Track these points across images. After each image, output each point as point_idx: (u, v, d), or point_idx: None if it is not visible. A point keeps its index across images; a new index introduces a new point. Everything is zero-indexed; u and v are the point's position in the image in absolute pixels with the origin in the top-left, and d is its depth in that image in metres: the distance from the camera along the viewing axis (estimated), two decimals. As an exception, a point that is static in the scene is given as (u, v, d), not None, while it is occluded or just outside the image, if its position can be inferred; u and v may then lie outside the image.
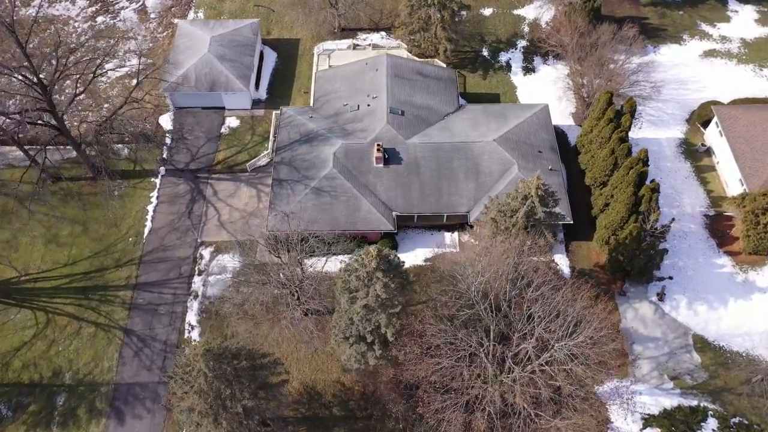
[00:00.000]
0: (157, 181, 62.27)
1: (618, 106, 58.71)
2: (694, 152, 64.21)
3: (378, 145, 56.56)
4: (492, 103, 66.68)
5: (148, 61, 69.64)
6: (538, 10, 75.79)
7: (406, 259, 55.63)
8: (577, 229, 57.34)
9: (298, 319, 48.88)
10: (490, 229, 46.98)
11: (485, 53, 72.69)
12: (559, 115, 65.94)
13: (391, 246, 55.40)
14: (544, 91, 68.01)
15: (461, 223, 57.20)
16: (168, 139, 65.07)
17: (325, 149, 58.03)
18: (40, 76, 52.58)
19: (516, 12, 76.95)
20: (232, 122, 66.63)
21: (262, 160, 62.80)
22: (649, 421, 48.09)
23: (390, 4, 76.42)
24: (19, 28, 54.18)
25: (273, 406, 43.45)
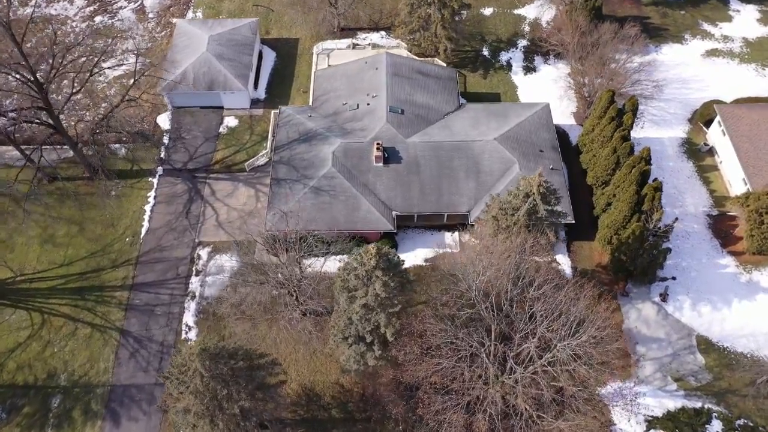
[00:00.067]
0: (155, 180, 61.67)
1: (620, 105, 58.10)
2: (696, 152, 63.67)
3: (378, 144, 55.98)
4: (492, 102, 66.14)
5: (147, 61, 69.25)
6: (539, 10, 75.32)
7: (406, 259, 55.02)
8: (579, 228, 56.73)
9: (297, 319, 48.26)
10: (492, 228, 46.30)
11: (486, 53, 72.19)
12: (560, 115, 65.38)
13: (391, 246, 54.74)
14: (545, 91, 67.50)
15: (462, 223, 56.61)
16: (166, 139, 64.51)
17: (324, 148, 57.44)
18: (37, 75, 52.08)
19: (516, 11, 76.51)
20: (231, 122, 66.06)
21: (261, 159, 62.21)
22: (652, 423, 47.40)
23: (390, 3, 75.94)
24: (17, 28, 53.67)
25: (271, 408, 42.74)
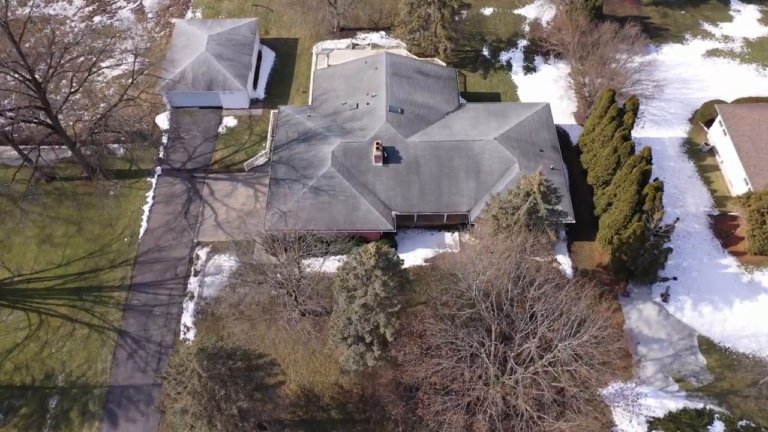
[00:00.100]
0: (153, 180, 61.38)
1: (620, 105, 57.84)
2: (697, 152, 63.39)
3: (377, 144, 55.70)
4: (492, 102, 65.85)
5: (146, 61, 69.04)
6: (539, 10, 75.07)
7: (406, 260, 54.68)
8: (580, 229, 56.43)
9: (296, 320, 47.95)
10: (492, 227, 45.98)
11: (485, 53, 71.95)
12: (561, 115, 65.10)
13: (391, 246, 54.26)
14: (546, 91, 67.24)
15: (462, 223, 56.30)
16: (164, 139, 64.23)
17: (323, 148, 57.16)
18: (35, 75, 51.80)
19: (516, 11, 76.28)
20: (230, 122, 65.78)
21: (260, 159, 61.92)
22: (654, 424, 47.08)
23: (389, 3, 75.70)
24: (15, 28, 53.44)
25: (269, 409, 42.42)
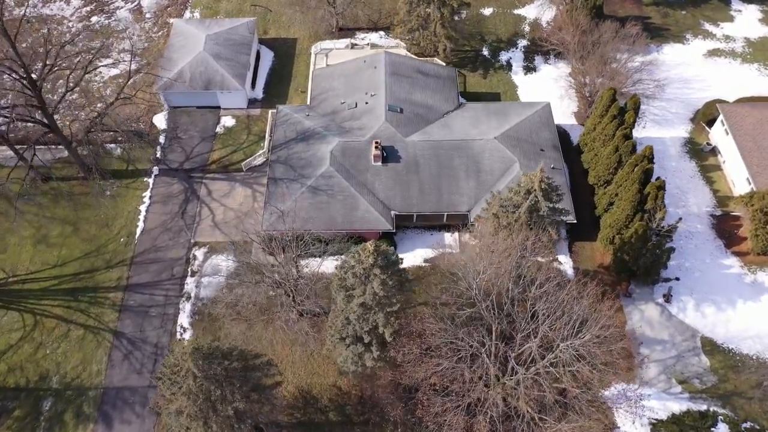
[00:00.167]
0: (150, 180, 60.79)
1: (621, 104, 57.36)
2: (699, 151, 62.86)
3: (376, 143, 55.16)
4: (492, 102, 65.34)
5: (143, 61, 68.65)
6: (539, 9, 74.67)
7: (405, 260, 54.19)
8: (581, 229, 55.83)
9: (294, 320, 47.32)
10: (492, 226, 45.37)
11: (485, 53, 71.51)
12: (561, 115, 64.58)
13: (390, 246, 53.77)
14: (546, 90, 66.78)
15: (461, 223, 55.67)
16: (162, 139, 63.68)
17: (321, 147, 56.61)
18: (32, 74, 51.29)
19: (516, 11, 75.91)
20: (228, 122, 65.25)
21: (258, 159, 61.38)
22: (657, 426, 46.38)
23: (389, 3, 75.31)
24: (12, 28, 52.92)
25: (266, 410, 41.67)
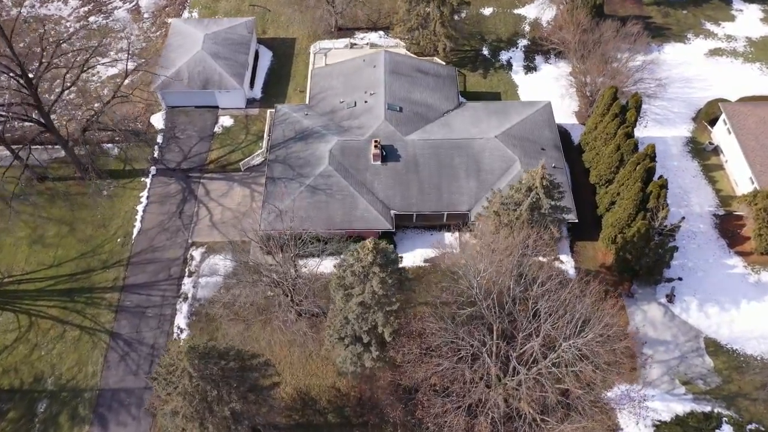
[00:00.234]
0: (148, 180, 60.25)
1: (623, 103, 56.86)
2: (701, 151, 62.33)
3: (376, 142, 54.63)
4: (493, 101, 64.89)
5: (141, 61, 68.22)
6: (539, 9, 74.29)
7: (405, 260, 53.69)
8: (582, 228, 55.27)
9: (292, 321, 46.69)
10: (493, 224, 44.77)
11: (485, 52, 71.07)
12: (562, 114, 64.04)
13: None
14: (547, 90, 66.29)
15: (462, 223, 55.06)
16: (159, 138, 63.16)
17: (320, 146, 56.09)
18: (28, 73, 50.78)
19: (516, 11, 75.50)
20: (226, 121, 64.74)
21: (256, 159, 60.85)
22: (660, 427, 45.64)
23: (388, 3, 74.87)
24: (9, 28, 52.48)
25: (264, 412, 41.04)
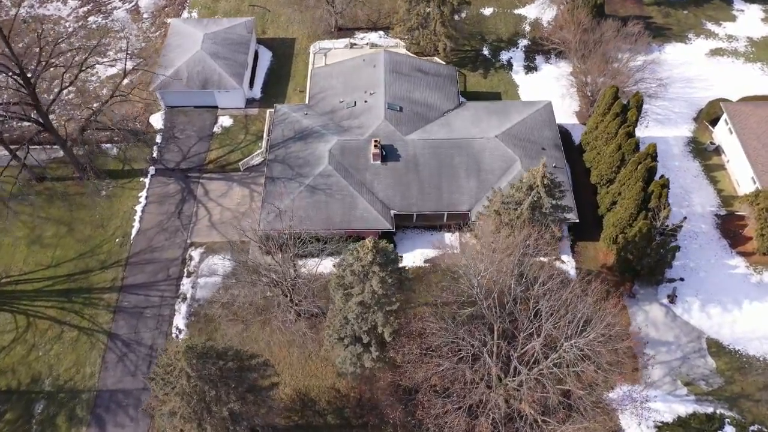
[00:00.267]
0: (147, 180, 59.96)
1: (624, 102, 56.60)
2: (702, 151, 62.05)
3: (375, 142, 54.32)
4: (493, 100, 64.64)
5: (140, 61, 67.98)
6: (540, 9, 74.09)
7: (405, 260, 53.48)
8: (583, 228, 54.97)
9: (291, 321, 46.35)
10: (494, 223, 44.44)
11: (486, 52, 70.83)
12: (563, 114, 63.77)
13: (389, 246, 52.91)
14: (547, 90, 66.04)
15: (462, 222, 54.75)
16: (158, 138, 62.88)
17: (320, 146, 55.79)
18: (26, 73, 50.51)
19: (517, 11, 75.29)
20: (225, 121, 64.47)
21: (256, 159, 60.57)
22: (662, 429, 45.28)
23: (388, 3, 74.64)
24: (6, 27, 52.28)
25: (263, 413, 40.65)
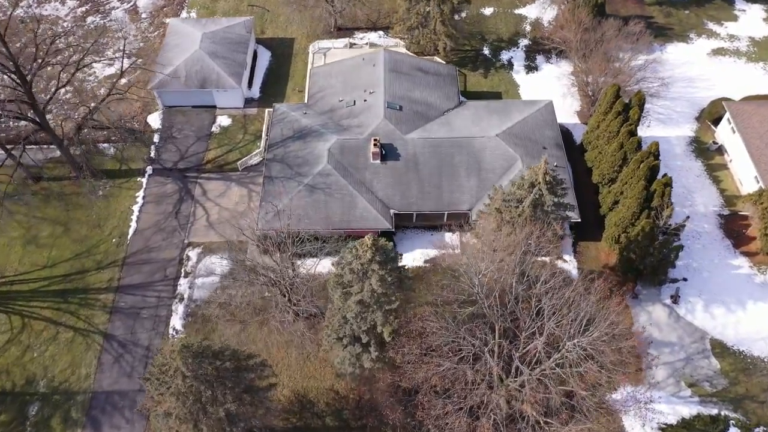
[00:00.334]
0: (144, 180, 59.42)
1: (626, 101, 56.10)
2: (705, 150, 61.52)
3: (375, 140, 53.79)
4: (494, 100, 64.15)
5: (138, 61, 67.49)
6: (540, 9, 73.71)
7: (405, 261, 52.78)
8: (585, 228, 54.38)
9: (289, 322, 45.68)
10: (495, 221, 43.84)
11: (486, 52, 70.40)
12: (564, 114, 63.27)
13: (389, 246, 52.30)
14: (548, 89, 65.57)
15: (462, 222, 54.13)
16: (156, 138, 62.36)
17: (319, 145, 55.27)
18: (23, 71, 50.02)
19: (517, 11, 74.91)
20: (224, 121, 63.98)
21: (254, 158, 60.04)
22: (666, 430, 44.58)
23: (388, 3, 74.29)
24: (3, 25, 51.85)
25: (260, 414, 40.00)
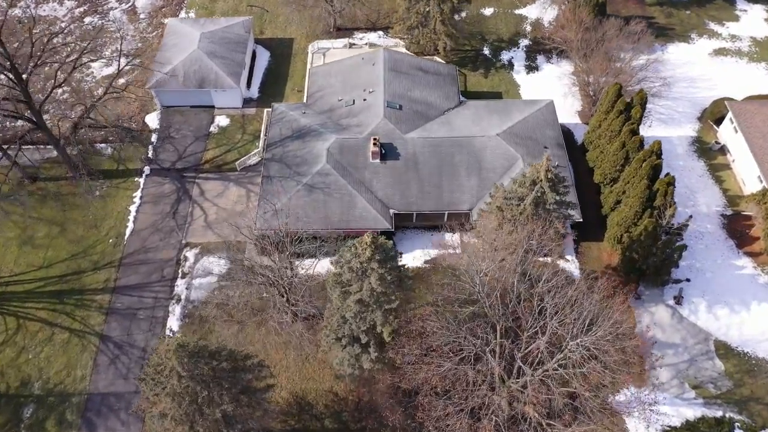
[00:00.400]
0: (141, 180, 58.86)
1: (627, 100, 55.61)
2: (707, 150, 61.01)
3: (374, 140, 53.27)
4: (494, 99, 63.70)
5: (137, 61, 66.99)
6: (540, 9, 73.34)
7: (405, 261, 52.04)
8: (587, 229, 53.80)
9: (288, 322, 45.07)
10: (496, 219, 43.28)
11: (486, 52, 69.98)
12: (565, 114, 62.75)
13: (389, 246, 51.69)
14: (549, 89, 65.05)
15: (463, 222, 53.55)
16: (154, 138, 61.85)
17: (318, 145, 54.75)
18: (19, 69, 49.55)
19: (517, 11, 74.52)
20: (222, 121, 63.47)
21: (253, 158, 59.52)
22: (670, 433, 44.01)
23: (388, 3, 73.88)
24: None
25: (258, 415, 39.32)
